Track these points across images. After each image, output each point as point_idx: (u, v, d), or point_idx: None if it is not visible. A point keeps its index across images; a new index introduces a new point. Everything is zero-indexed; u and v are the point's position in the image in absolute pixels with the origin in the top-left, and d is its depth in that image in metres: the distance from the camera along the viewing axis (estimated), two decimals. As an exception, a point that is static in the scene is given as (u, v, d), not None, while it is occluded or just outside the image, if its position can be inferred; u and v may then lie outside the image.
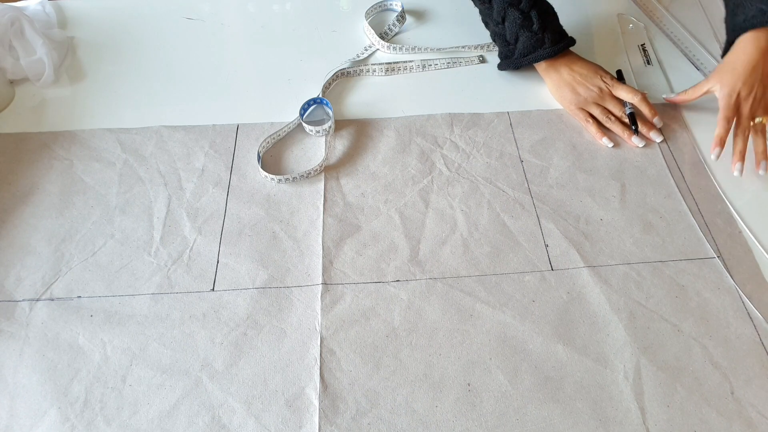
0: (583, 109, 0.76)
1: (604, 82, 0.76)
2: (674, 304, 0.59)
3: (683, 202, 0.67)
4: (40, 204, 0.67)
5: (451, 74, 0.83)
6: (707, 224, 0.65)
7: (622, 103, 0.75)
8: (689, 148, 0.73)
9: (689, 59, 0.84)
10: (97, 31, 0.89)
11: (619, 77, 0.78)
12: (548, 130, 0.74)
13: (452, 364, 0.55)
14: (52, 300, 0.59)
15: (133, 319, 0.58)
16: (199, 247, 0.63)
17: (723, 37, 0.85)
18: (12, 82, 0.80)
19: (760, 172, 0.69)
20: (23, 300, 0.59)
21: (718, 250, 0.63)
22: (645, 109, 0.73)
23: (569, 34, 0.78)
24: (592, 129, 0.74)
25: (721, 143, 0.70)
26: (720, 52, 0.84)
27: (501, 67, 0.82)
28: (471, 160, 0.71)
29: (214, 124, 0.75)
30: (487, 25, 0.81)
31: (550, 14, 0.77)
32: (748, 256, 0.62)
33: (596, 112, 0.75)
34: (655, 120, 0.73)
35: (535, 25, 0.75)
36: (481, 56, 0.85)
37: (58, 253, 0.63)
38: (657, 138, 0.73)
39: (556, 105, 0.78)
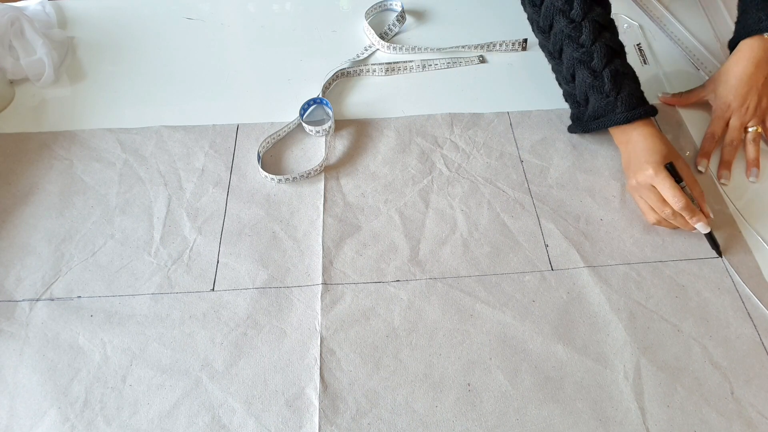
0: (636, 190, 0.66)
1: (644, 176, 0.63)
2: (674, 304, 0.59)
3: (683, 202, 0.67)
4: (40, 204, 0.67)
5: (451, 74, 0.83)
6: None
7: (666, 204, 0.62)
8: (689, 148, 0.73)
9: (689, 59, 0.84)
10: (97, 31, 0.89)
11: (672, 171, 0.63)
12: (548, 131, 0.74)
13: (452, 364, 0.55)
14: (52, 300, 0.59)
15: (133, 319, 0.58)
16: (199, 247, 0.63)
17: (723, 37, 0.85)
18: (12, 82, 0.80)
19: (750, 178, 0.69)
20: (23, 300, 0.59)
21: (718, 250, 0.62)
22: (687, 215, 0.61)
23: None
24: (652, 216, 0.64)
25: (707, 157, 0.70)
26: (720, 52, 0.84)
27: (571, 129, 0.73)
28: (471, 160, 0.71)
29: (214, 124, 0.75)
30: (559, 83, 0.73)
31: (628, 76, 0.67)
32: (748, 256, 0.62)
33: (646, 196, 0.64)
34: (699, 226, 0.61)
35: (606, 86, 0.66)
36: (481, 56, 0.85)
37: (58, 253, 0.63)
38: (704, 229, 0.62)
39: (556, 105, 0.77)
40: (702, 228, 0.61)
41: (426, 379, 0.54)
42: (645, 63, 0.82)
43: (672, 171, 0.62)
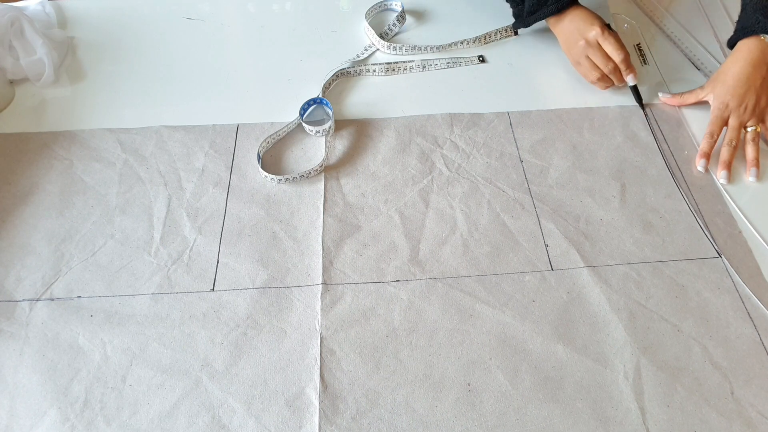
0: (578, 63, 0.77)
1: (591, 32, 0.75)
2: (674, 304, 0.59)
3: (683, 202, 0.67)
4: (40, 204, 0.67)
5: (451, 74, 0.83)
6: (707, 224, 0.65)
7: (608, 56, 0.75)
8: (689, 148, 0.73)
9: (689, 59, 0.84)
10: (97, 31, 0.89)
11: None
12: (548, 130, 0.74)
13: (452, 364, 0.55)
14: (52, 300, 0.59)
15: (133, 319, 0.58)
16: (199, 247, 0.63)
17: (723, 36, 0.85)
18: (12, 82, 0.80)
19: (750, 178, 0.69)
20: (23, 300, 0.59)
21: (718, 250, 0.63)
22: (625, 69, 0.74)
23: None
24: (591, 80, 0.77)
25: (706, 157, 0.70)
26: (720, 52, 0.84)
27: (515, 26, 0.84)
28: (471, 160, 0.71)
29: (214, 124, 0.75)
30: None
31: None
32: (748, 256, 0.62)
33: (585, 66, 0.77)
34: (629, 78, 0.75)
35: None
36: (481, 56, 0.85)
37: (58, 253, 0.63)
38: (632, 81, 0.75)
39: (556, 105, 0.78)
40: (631, 80, 0.75)
41: (426, 379, 0.54)
42: (644, 63, 0.82)
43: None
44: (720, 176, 0.69)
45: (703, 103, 0.75)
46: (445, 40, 0.87)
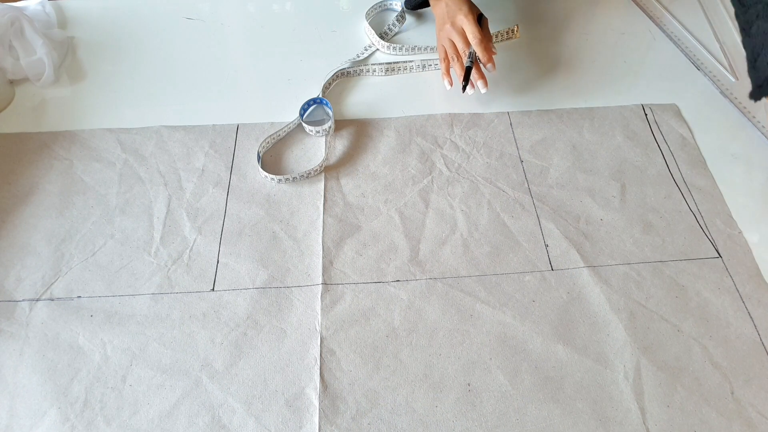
0: (442, 46, 0.78)
1: (459, 16, 0.75)
2: (674, 305, 0.59)
3: (683, 202, 0.67)
4: (40, 204, 0.67)
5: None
6: (707, 224, 0.65)
7: (468, 42, 0.75)
8: (690, 148, 0.73)
9: (690, 59, 0.84)
10: (97, 31, 0.89)
11: (480, 20, 0.77)
12: (548, 131, 0.74)
13: (452, 364, 0.55)
14: (52, 300, 0.59)
15: (133, 319, 0.58)
16: (199, 247, 0.63)
17: (723, 37, 0.85)
18: (12, 82, 0.80)
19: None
20: (23, 300, 0.59)
21: (718, 250, 0.63)
22: (479, 53, 0.73)
23: None
24: (441, 66, 0.78)
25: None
26: (720, 50, 0.84)
27: (406, 5, 0.88)
28: (471, 160, 0.71)
29: (214, 124, 0.75)
30: None
31: None
32: (748, 256, 0.62)
33: (447, 46, 0.77)
34: (488, 66, 0.74)
35: None
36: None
37: (58, 253, 0.63)
38: (482, 89, 0.74)
39: (556, 105, 0.78)
40: (491, 68, 0.74)
41: (426, 379, 0.54)
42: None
43: (480, 20, 0.76)
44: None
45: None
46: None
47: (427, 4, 0.84)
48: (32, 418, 0.52)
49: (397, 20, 0.88)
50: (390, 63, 0.83)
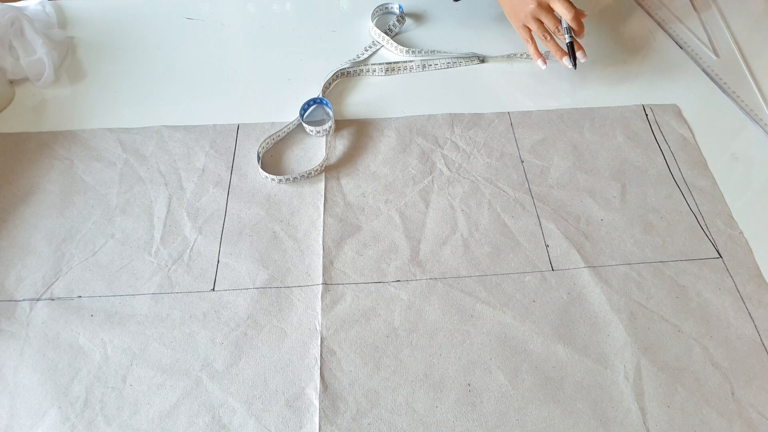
0: (525, 26, 0.77)
1: None
2: (675, 305, 0.59)
3: (684, 203, 0.67)
4: (40, 204, 0.67)
5: (451, 74, 0.83)
6: (708, 225, 0.65)
7: (558, 18, 0.75)
8: (690, 149, 0.73)
9: (693, 59, 0.83)
10: (97, 31, 0.89)
11: None
12: (549, 131, 0.74)
13: (452, 365, 0.55)
14: (53, 300, 0.59)
15: (134, 318, 0.58)
16: (199, 247, 0.63)
17: (721, 40, 0.85)
18: (12, 82, 0.80)
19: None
20: (24, 300, 0.59)
21: (719, 250, 0.63)
22: (575, 26, 0.74)
23: None
24: (530, 49, 0.78)
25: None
26: (716, 51, 0.84)
27: None
28: (471, 161, 0.71)
29: (214, 124, 0.75)
30: None
31: None
32: (749, 256, 0.62)
33: (534, 28, 0.76)
34: (581, 36, 0.75)
35: None
36: (481, 56, 0.84)
37: (59, 253, 0.63)
38: (582, 59, 0.76)
39: (557, 105, 0.78)
40: (580, 58, 0.75)
41: (426, 379, 0.54)
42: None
43: None
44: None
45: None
46: (445, 41, 0.87)
47: None
48: (32, 418, 0.52)
49: (397, 21, 0.88)
50: (390, 63, 0.83)
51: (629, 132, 0.74)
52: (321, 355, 0.55)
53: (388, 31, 0.87)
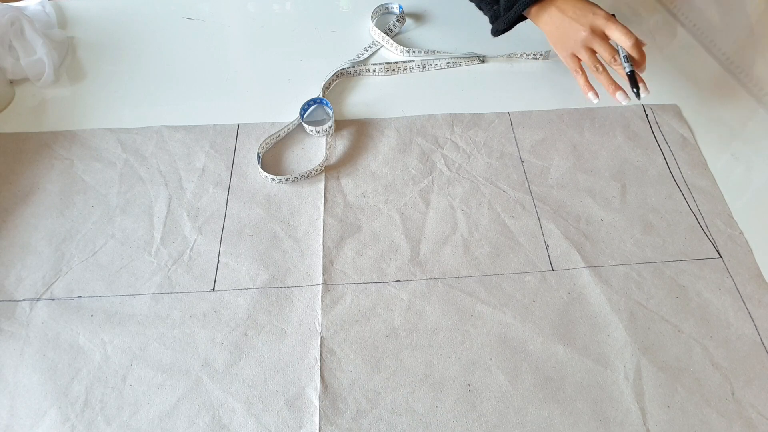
0: (573, 56, 0.71)
1: (597, 20, 0.68)
2: (675, 305, 0.59)
3: (684, 203, 0.67)
4: (40, 204, 0.67)
5: (451, 74, 0.83)
6: (708, 225, 0.65)
7: (613, 47, 0.68)
8: (690, 149, 0.73)
9: (705, 47, 0.83)
10: (97, 31, 0.89)
11: None
12: (549, 131, 0.74)
13: (452, 365, 0.55)
14: (53, 300, 0.59)
15: (134, 318, 0.58)
16: (199, 247, 0.63)
17: (729, 34, 0.85)
18: (12, 82, 0.80)
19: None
20: (24, 300, 0.59)
21: (719, 250, 0.63)
22: (636, 55, 0.67)
23: None
24: (580, 81, 0.72)
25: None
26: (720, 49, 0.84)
27: (494, 31, 0.77)
28: (471, 161, 0.71)
29: (214, 124, 0.75)
30: None
31: None
32: (749, 257, 0.62)
33: (584, 58, 0.70)
34: (642, 67, 0.68)
35: None
36: (481, 56, 0.84)
37: (59, 253, 0.63)
38: (644, 93, 0.67)
39: (557, 105, 0.77)
40: (642, 92, 0.67)
41: (426, 379, 0.54)
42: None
43: None
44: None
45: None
46: (445, 41, 0.87)
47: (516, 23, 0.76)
48: (32, 418, 0.52)
49: (397, 21, 0.88)
50: (390, 63, 0.83)
51: (629, 132, 0.74)
52: (321, 355, 0.55)
53: (388, 31, 0.87)
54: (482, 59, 0.84)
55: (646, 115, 0.76)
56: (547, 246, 0.63)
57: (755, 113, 0.77)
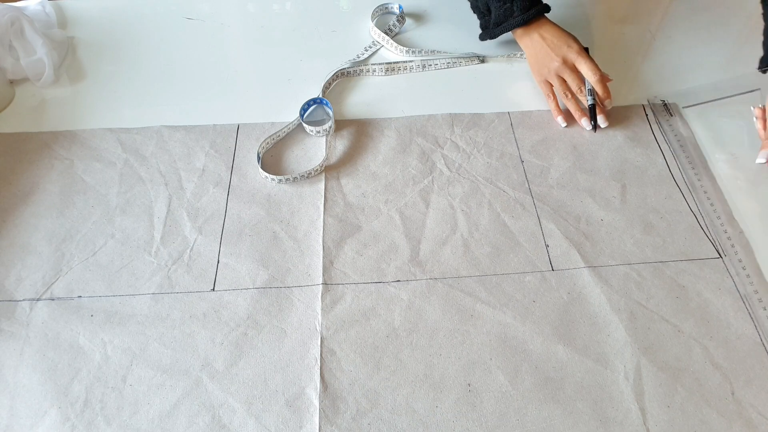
0: (547, 81, 0.76)
1: (570, 53, 0.74)
2: (675, 305, 0.59)
3: (684, 203, 0.67)
4: (40, 204, 0.67)
5: (451, 74, 0.83)
6: (708, 225, 0.65)
7: (582, 79, 0.74)
8: (690, 148, 0.73)
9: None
10: (97, 31, 0.89)
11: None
12: (549, 131, 0.74)
13: (453, 365, 0.55)
14: (53, 300, 0.59)
15: (134, 318, 0.58)
16: (199, 247, 0.63)
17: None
18: (12, 82, 0.80)
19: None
20: (24, 300, 0.59)
21: (719, 250, 0.63)
22: (600, 90, 0.72)
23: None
24: (551, 105, 0.75)
25: None
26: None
27: (481, 37, 0.83)
28: (471, 161, 0.71)
29: (214, 124, 0.75)
30: None
31: None
32: (749, 256, 0.62)
33: (556, 85, 0.75)
34: (606, 102, 0.73)
35: None
36: (481, 56, 0.84)
37: (59, 253, 0.63)
38: (602, 124, 0.73)
39: (557, 105, 0.78)
40: (608, 104, 0.74)
41: (426, 380, 0.54)
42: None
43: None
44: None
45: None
46: (445, 41, 0.87)
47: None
48: (32, 418, 0.52)
49: (397, 21, 0.88)
50: (390, 63, 0.83)
51: (629, 132, 0.74)
52: (321, 355, 0.55)
53: (388, 31, 0.87)
54: (482, 59, 0.84)
55: (647, 114, 0.76)
56: (547, 246, 0.63)
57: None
